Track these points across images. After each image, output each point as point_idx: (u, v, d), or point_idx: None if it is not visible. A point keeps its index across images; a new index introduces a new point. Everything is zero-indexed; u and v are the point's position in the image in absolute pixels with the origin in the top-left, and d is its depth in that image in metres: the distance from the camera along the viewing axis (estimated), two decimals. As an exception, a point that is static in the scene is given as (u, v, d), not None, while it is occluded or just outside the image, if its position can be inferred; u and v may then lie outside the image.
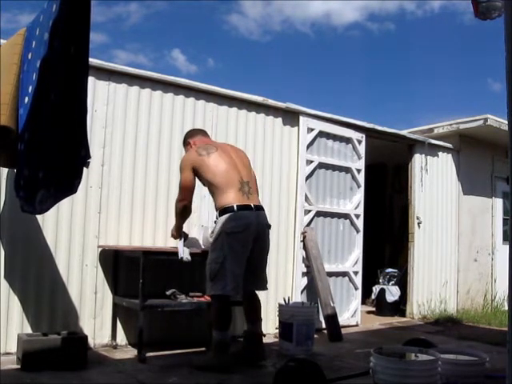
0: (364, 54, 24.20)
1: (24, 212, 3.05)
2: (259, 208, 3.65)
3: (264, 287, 3.83)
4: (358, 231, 5.76)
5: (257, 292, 3.86)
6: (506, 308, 4.41)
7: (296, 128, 5.32)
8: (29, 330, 3.71)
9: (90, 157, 2.58)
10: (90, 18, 2.36)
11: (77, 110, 2.47)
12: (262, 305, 3.90)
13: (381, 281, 6.66)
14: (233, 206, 3.51)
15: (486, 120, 6.44)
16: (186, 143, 3.95)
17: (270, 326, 4.79)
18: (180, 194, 3.72)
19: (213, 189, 3.64)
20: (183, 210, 3.73)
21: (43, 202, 2.76)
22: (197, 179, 3.72)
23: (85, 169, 3.90)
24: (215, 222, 3.62)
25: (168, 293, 4.00)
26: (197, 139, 3.88)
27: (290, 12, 26.49)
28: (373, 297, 6.70)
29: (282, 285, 5.06)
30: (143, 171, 4.35)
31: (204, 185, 3.78)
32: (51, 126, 2.55)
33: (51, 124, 2.55)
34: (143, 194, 4.34)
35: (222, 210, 3.54)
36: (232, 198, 3.53)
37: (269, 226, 3.77)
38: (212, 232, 3.68)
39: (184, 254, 3.77)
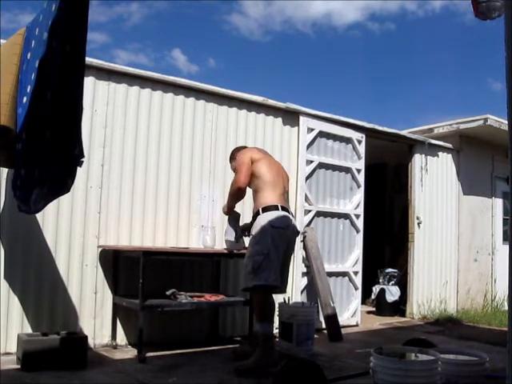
0: (365, 54, 24.21)
1: (21, 212, 3.05)
2: (293, 215, 3.91)
3: (285, 290, 3.89)
4: (358, 231, 5.76)
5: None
6: (506, 308, 4.40)
7: (296, 128, 5.32)
8: (29, 330, 3.71)
9: (83, 156, 2.57)
10: (88, 18, 2.37)
11: (72, 108, 2.47)
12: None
13: (381, 281, 6.65)
14: (278, 206, 3.67)
15: (485, 120, 6.44)
16: (232, 157, 4.10)
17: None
18: (238, 176, 3.78)
19: (261, 185, 3.74)
20: (237, 192, 3.80)
21: (38, 201, 2.76)
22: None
23: (85, 169, 3.95)
24: (254, 217, 3.69)
25: (168, 293, 4.00)
26: (238, 155, 3.99)
27: (291, 12, 26.50)
28: (373, 297, 6.70)
29: (282, 285, 5.05)
30: (143, 171, 4.35)
31: (249, 185, 3.82)
32: (47, 125, 2.55)
33: (47, 123, 2.55)
34: (143, 194, 4.34)
35: (266, 207, 3.65)
36: (277, 199, 3.71)
37: (298, 233, 3.99)
38: (242, 227, 3.88)
39: (227, 235, 3.95)
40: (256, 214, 3.67)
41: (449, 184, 6.87)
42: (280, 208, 3.66)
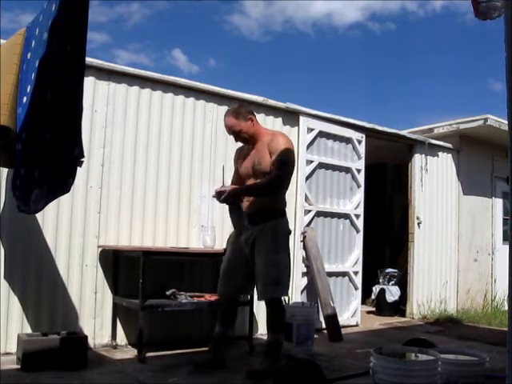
0: (365, 54, 24.19)
1: (20, 212, 3.05)
2: None
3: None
4: (357, 231, 5.75)
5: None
6: (506, 308, 4.40)
7: (296, 128, 5.32)
8: (29, 330, 3.71)
9: (83, 156, 2.56)
10: (88, 18, 2.37)
11: (72, 108, 2.47)
12: (261, 305, 3.89)
13: (381, 281, 6.66)
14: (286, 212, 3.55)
15: (486, 120, 6.44)
16: (246, 117, 3.47)
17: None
18: (286, 176, 3.36)
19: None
20: (276, 192, 3.38)
21: (37, 201, 2.76)
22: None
23: (85, 169, 3.95)
24: (268, 218, 3.40)
25: (168, 293, 4.00)
26: (256, 120, 3.56)
27: (292, 12, 26.48)
28: (373, 297, 6.70)
29: (282, 285, 5.05)
30: (143, 171, 4.35)
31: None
32: (47, 125, 2.55)
33: (47, 123, 2.55)
34: (143, 193, 4.34)
35: (283, 212, 3.48)
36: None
37: None
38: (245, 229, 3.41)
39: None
40: (273, 216, 3.41)
41: (449, 184, 6.87)
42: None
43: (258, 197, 3.40)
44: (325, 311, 4.93)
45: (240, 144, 3.70)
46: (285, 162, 3.33)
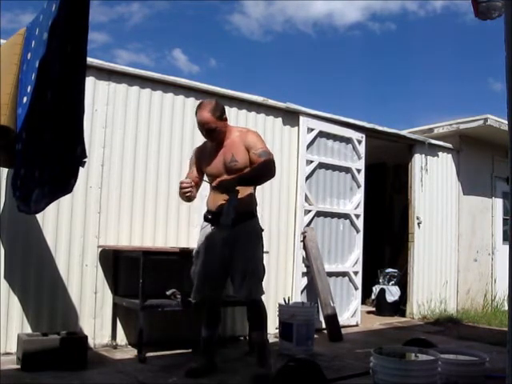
0: (365, 54, 24.21)
1: (20, 212, 3.05)
2: None
3: None
4: (357, 231, 5.76)
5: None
6: (506, 308, 4.40)
7: (296, 128, 5.32)
8: (29, 330, 3.71)
9: (86, 156, 2.55)
10: (89, 18, 2.36)
11: (73, 108, 2.46)
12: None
13: (381, 281, 6.66)
14: None
15: (486, 120, 6.44)
16: (222, 116, 3.33)
17: (270, 325, 4.77)
18: (272, 156, 3.32)
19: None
20: (274, 171, 3.31)
21: (38, 201, 2.75)
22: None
23: (85, 169, 3.95)
24: (246, 217, 3.33)
25: (168, 293, 4.01)
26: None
27: (292, 12, 26.49)
28: (373, 297, 6.70)
29: (282, 285, 5.06)
30: (143, 171, 4.36)
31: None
32: (47, 125, 2.55)
33: (47, 123, 2.55)
34: (143, 194, 4.35)
35: (256, 212, 3.44)
36: None
37: None
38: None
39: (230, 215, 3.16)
40: (252, 216, 3.39)
41: (449, 184, 6.87)
42: None
43: (254, 184, 3.37)
44: (325, 311, 4.94)
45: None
46: (270, 152, 3.33)
